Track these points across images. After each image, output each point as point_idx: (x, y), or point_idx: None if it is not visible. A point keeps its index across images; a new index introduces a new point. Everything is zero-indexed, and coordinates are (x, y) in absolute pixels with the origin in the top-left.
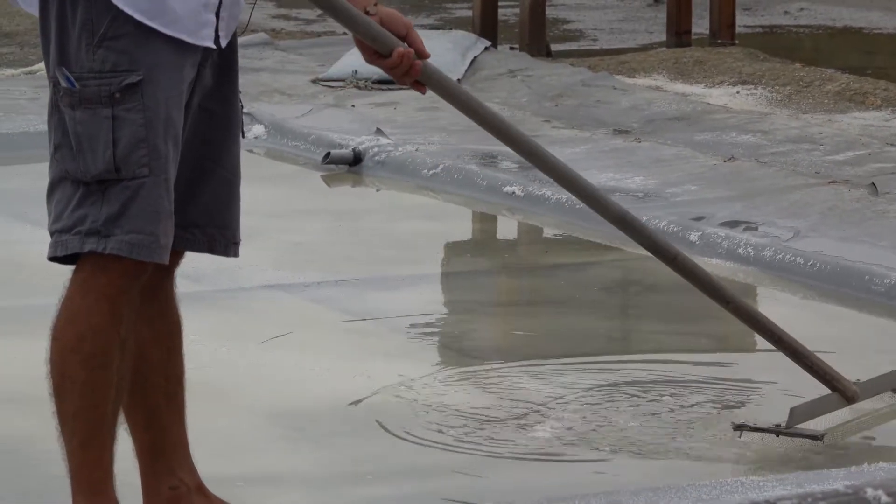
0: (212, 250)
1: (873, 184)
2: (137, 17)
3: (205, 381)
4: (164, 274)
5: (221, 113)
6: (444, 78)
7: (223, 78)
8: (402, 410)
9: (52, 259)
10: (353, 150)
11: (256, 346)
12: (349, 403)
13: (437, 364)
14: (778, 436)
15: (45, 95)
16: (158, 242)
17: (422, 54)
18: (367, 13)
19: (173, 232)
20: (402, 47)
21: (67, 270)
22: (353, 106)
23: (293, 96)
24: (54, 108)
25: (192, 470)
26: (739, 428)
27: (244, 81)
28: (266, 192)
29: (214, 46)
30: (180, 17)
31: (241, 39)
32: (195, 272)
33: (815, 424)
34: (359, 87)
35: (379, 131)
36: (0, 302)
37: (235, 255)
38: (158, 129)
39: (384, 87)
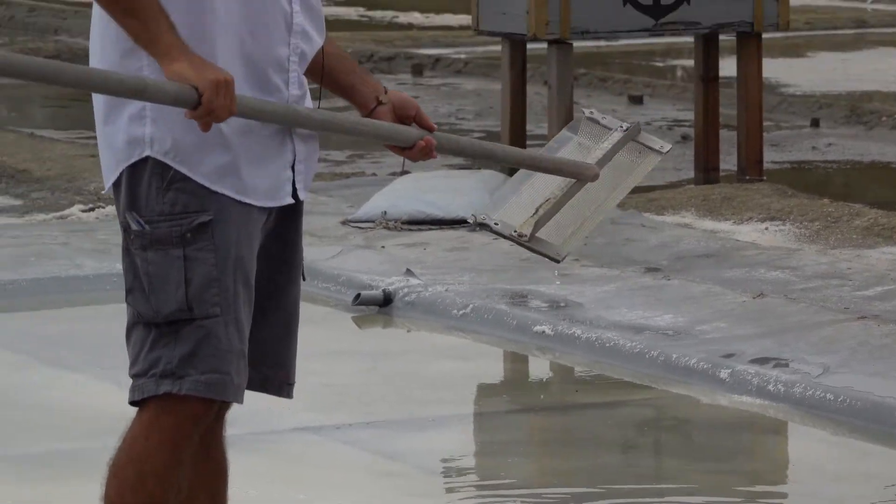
0: (265, 389)
1: None
2: (234, 196)
3: None
4: (219, 415)
5: (283, 255)
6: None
7: (288, 221)
8: None
9: (132, 403)
10: (384, 291)
11: (288, 489)
12: None
13: None
14: (520, 245)
15: (75, 240)
16: (233, 381)
17: (431, 128)
18: (379, 102)
19: (247, 372)
20: (422, 139)
21: (95, 415)
22: (382, 247)
23: (323, 238)
24: (125, 252)
25: None
26: (481, 225)
27: None
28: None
29: (294, 201)
30: (263, 190)
31: None
32: (228, 414)
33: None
34: (388, 228)
35: (409, 272)
36: (29, 448)
37: (289, 395)
38: (229, 268)
39: (413, 227)
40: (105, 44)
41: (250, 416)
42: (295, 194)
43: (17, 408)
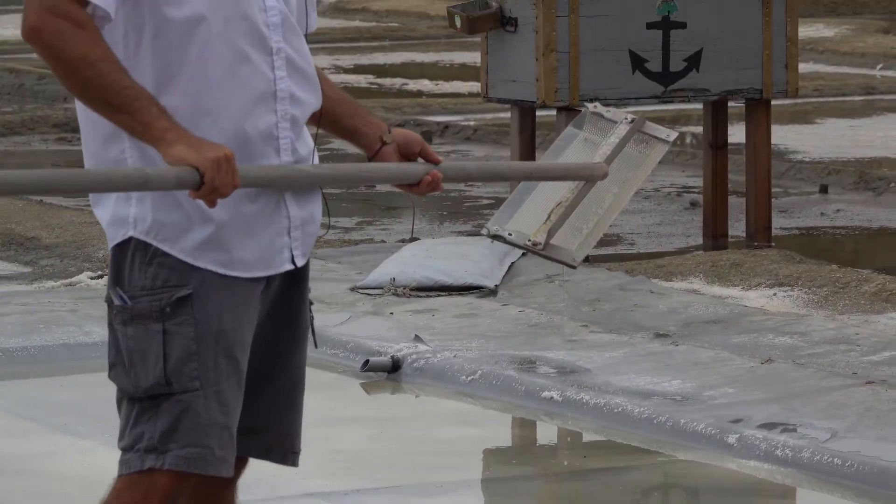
0: (268, 457)
1: None
2: (219, 270)
3: None
4: (224, 484)
5: (288, 321)
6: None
7: (292, 288)
8: None
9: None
10: (392, 357)
11: None
12: None
13: None
14: (534, 253)
15: (84, 307)
16: (215, 455)
17: (436, 161)
18: (384, 143)
19: (233, 444)
20: (428, 174)
21: (103, 482)
22: (391, 313)
23: (332, 304)
24: (109, 327)
25: None
26: (494, 237)
27: None
28: (305, 400)
29: (293, 267)
30: (253, 260)
31: None
32: (240, 481)
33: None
34: (397, 295)
35: (417, 338)
36: None
37: (294, 464)
38: (209, 342)
39: (422, 294)
40: (86, 132)
41: (257, 483)
42: (293, 260)
43: (26, 475)
